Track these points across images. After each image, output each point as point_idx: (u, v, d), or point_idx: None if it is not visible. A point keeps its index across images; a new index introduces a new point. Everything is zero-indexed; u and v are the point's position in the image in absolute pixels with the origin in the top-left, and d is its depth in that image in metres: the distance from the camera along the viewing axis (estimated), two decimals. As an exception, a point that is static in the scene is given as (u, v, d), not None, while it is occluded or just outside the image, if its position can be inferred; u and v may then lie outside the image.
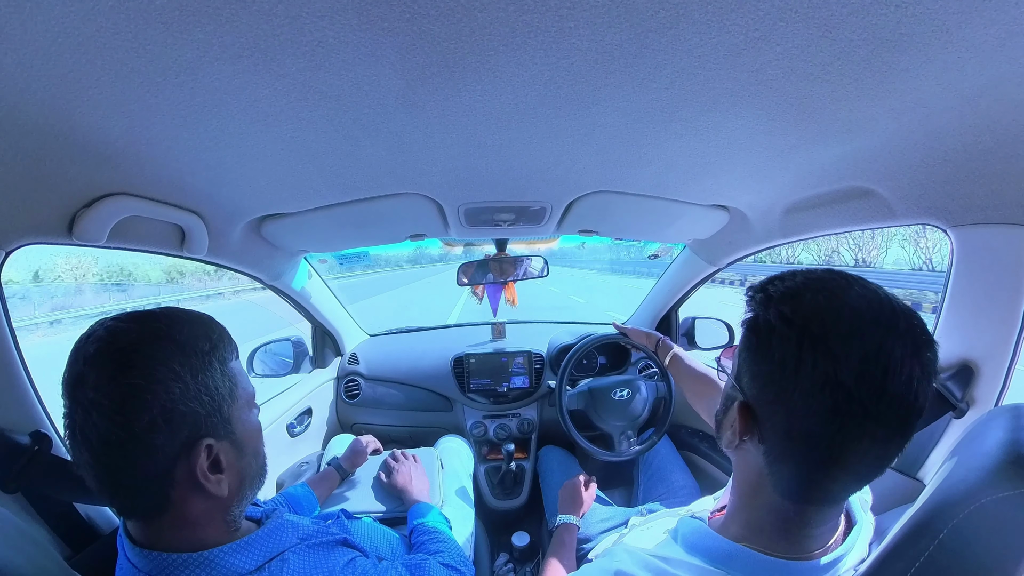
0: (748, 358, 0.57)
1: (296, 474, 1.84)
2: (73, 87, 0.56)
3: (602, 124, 0.77)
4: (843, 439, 0.50)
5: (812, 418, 0.51)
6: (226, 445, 0.64)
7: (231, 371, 0.67)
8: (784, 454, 0.55)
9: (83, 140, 0.68)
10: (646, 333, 1.55)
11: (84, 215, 0.82)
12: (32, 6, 0.44)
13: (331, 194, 1.11)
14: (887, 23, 0.50)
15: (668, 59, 0.58)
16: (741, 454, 0.62)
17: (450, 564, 0.98)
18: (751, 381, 0.57)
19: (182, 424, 0.59)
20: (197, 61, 0.54)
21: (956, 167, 0.79)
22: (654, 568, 0.65)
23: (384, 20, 0.49)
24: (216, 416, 0.63)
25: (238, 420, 0.67)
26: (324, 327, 2.15)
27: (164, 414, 0.57)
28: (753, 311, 0.57)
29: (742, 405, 0.58)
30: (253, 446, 0.70)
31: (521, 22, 0.50)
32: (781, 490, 0.57)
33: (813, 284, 0.55)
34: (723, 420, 0.65)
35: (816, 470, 0.54)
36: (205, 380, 0.62)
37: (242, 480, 0.68)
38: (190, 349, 0.61)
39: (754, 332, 0.56)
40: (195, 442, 0.60)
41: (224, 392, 0.64)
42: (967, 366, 0.91)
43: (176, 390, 0.58)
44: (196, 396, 0.60)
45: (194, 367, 0.61)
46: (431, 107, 0.69)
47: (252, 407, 0.72)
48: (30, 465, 0.79)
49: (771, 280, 0.59)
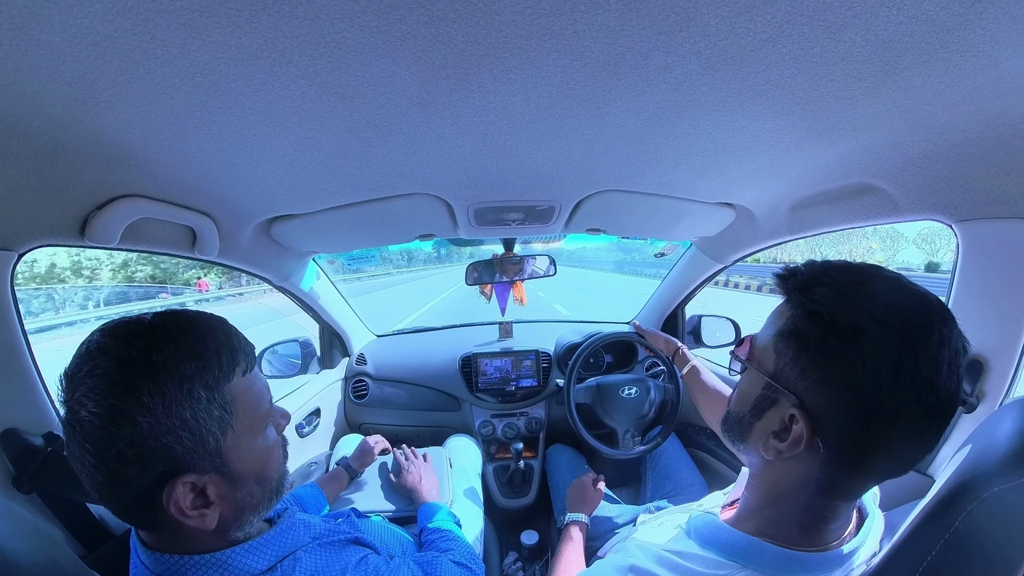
0: (815, 360, 0.52)
1: (305, 474, 1.85)
2: (89, 88, 0.56)
3: (611, 124, 0.78)
4: (922, 439, 0.50)
5: (899, 423, 0.49)
6: (216, 478, 0.58)
7: (226, 395, 0.59)
8: (851, 459, 0.52)
9: (97, 142, 0.69)
10: (665, 339, 1.54)
11: (97, 217, 0.82)
12: (51, 6, 0.44)
13: (342, 195, 1.11)
14: (888, 25, 0.51)
15: (677, 61, 0.58)
16: (783, 461, 0.57)
17: (461, 562, 0.98)
18: (815, 387, 0.52)
19: (153, 459, 0.53)
20: (214, 62, 0.54)
21: (960, 163, 0.80)
22: (668, 563, 0.65)
23: (403, 22, 0.49)
24: (198, 451, 0.56)
25: (233, 450, 0.60)
26: (332, 328, 2.16)
27: (132, 448, 0.52)
28: (817, 307, 0.52)
29: (805, 414, 0.53)
30: (257, 473, 0.64)
31: (537, 25, 0.51)
32: (828, 491, 0.56)
33: (867, 273, 0.53)
34: (755, 424, 0.61)
35: (880, 471, 0.53)
36: (181, 412, 0.54)
37: (240, 509, 0.62)
38: (166, 375, 0.54)
39: (833, 333, 0.50)
40: (171, 476, 0.55)
41: (210, 424, 0.57)
42: (976, 361, 0.91)
43: (144, 424, 0.52)
44: (169, 431, 0.53)
45: (167, 398, 0.53)
46: (444, 108, 0.70)
47: (262, 428, 0.65)
48: (44, 466, 0.80)
49: (819, 272, 0.55)
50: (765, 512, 0.63)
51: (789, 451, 0.55)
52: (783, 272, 0.58)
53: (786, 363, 0.55)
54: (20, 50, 0.48)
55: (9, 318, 0.81)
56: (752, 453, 0.63)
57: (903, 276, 0.53)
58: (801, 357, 0.54)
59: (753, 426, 0.61)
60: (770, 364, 0.58)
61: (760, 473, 0.64)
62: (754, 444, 0.61)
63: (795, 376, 0.54)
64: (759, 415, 0.60)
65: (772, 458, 0.58)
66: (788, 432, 0.55)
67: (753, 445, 0.62)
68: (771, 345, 0.58)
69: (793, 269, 0.58)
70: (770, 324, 0.60)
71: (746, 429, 0.63)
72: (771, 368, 0.58)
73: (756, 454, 0.62)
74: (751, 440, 0.62)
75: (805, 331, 0.54)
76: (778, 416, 0.57)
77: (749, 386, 0.63)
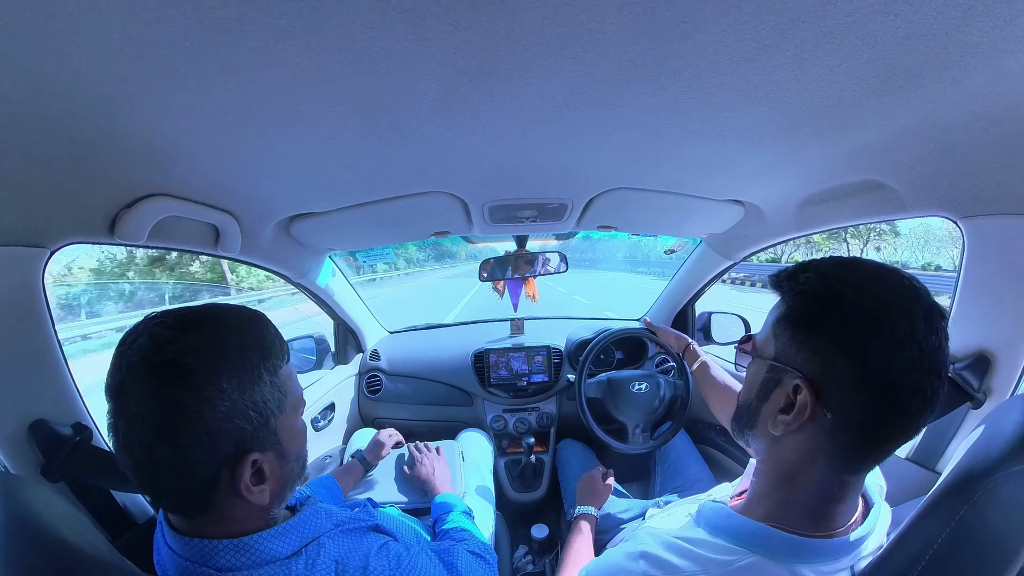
0: (808, 332, 0.58)
1: (320, 467, 1.89)
2: (125, 90, 0.58)
3: (623, 124, 0.79)
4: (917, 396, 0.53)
5: (891, 379, 0.52)
6: (271, 456, 0.63)
7: (281, 379, 0.65)
8: (857, 424, 0.55)
9: (129, 142, 0.70)
10: (676, 335, 1.56)
11: (126, 215, 0.84)
12: (98, 13, 0.45)
13: (361, 193, 1.13)
14: (887, 29, 0.53)
15: (687, 65, 0.60)
16: (791, 436, 0.60)
17: (476, 552, 1.00)
18: (812, 357, 0.57)
19: (227, 441, 0.58)
20: (248, 67, 0.55)
21: (965, 160, 0.80)
22: (678, 549, 0.66)
23: (431, 32, 0.51)
24: (263, 430, 0.61)
25: (284, 429, 0.65)
26: (346, 324, 2.19)
27: (208, 432, 0.55)
28: (803, 287, 0.58)
29: (808, 383, 0.56)
30: (297, 451, 0.70)
31: (555, 34, 0.53)
32: (836, 463, 0.58)
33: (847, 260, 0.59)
34: (762, 407, 0.64)
35: (886, 435, 0.55)
36: (253, 395, 0.59)
37: (284, 485, 0.68)
38: (239, 363, 0.59)
39: (816, 303, 0.57)
40: (241, 457, 0.59)
41: (272, 405, 0.62)
42: (983, 356, 0.92)
43: (222, 408, 0.56)
44: (243, 413, 0.58)
45: (243, 383, 0.58)
46: (464, 111, 0.72)
47: (299, 411, 0.71)
48: (72, 455, 0.82)
49: (805, 263, 0.61)
50: (774, 496, 0.64)
51: (796, 421, 0.58)
52: (775, 273, 0.64)
53: (784, 344, 0.60)
54: (64, 54, 0.49)
55: (41, 314, 0.83)
56: (761, 437, 0.65)
57: (880, 261, 0.59)
58: (796, 334, 0.59)
59: (761, 409, 0.64)
60: (771, 350, 0.63)
61: (768, 456, 0.65)
62: (762, 426, 0.64)
63: (793, 353, 0.59)
64: (765, 397, 0.63)
65: (780, 433, 0.60)
66: (794, 406, 0.58)
67: (762, 427, 0.64)
68: (770, 333, 0.63)
69: (782, 268, 0.63)
70: (768, 319, 0.65)
71: (754, 415, 0.66)
72: (772, 353, 0.62)
73: (764, 436, 0.64)
74: (759, 424, 0.65)
75: (794, 310, 0.60)
76: (783, 393, 0.60)
77: (754, 375, 0.67)
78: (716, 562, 0.61)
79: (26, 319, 0.81)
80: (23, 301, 0.80)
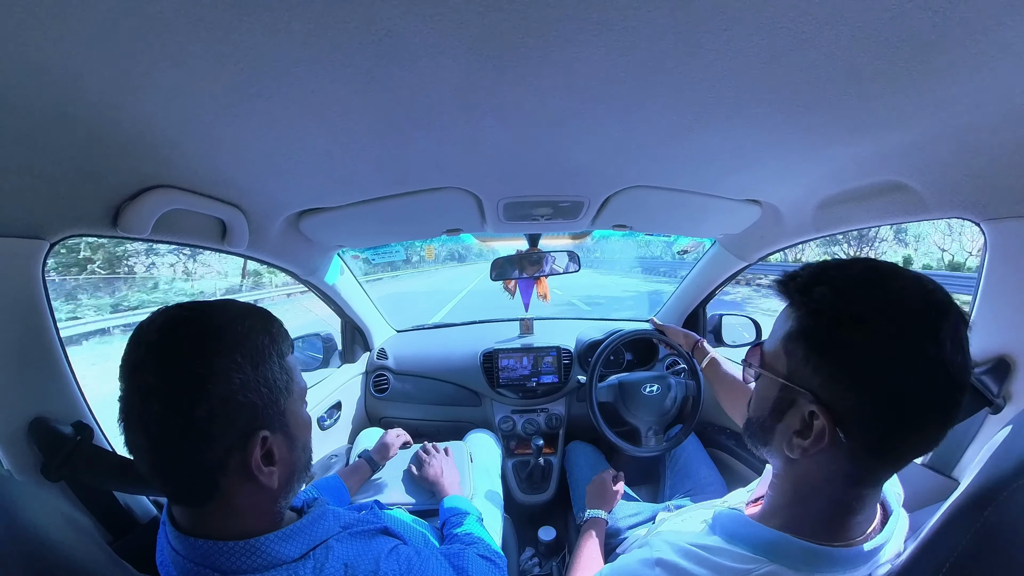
0: (825, 356, 0.54)
1: (326, 466, 1.87)
2: (127, 73, 0.55)
3: (647, 120, 0.77)
4: (941, 415, 0.51)
5: (915, 403, 0.50)
6: (280, 438, 0.65)
7: (288, 365, 0.68)
8: (876, 446, 0.53)
9: (132, 131, 0.68)
10: (684, 333, 1.55)
11: (129, 207, 0.82)
12: None
13: (373, 188, 1.11)
14: (924, 26, 0.51)
15: (717, 59, 0.58)
16: (809, 457, 0.58)
17: (486, 555, 0.99)
18: (829, 382, 0.54)
19: (240, 415, 0.59)
20: (260, 46, 0.52)
21: (989, 161, 0.79)
22: (695, 556, 0.65)
23: (458, 12, 0.49)
24: (273, 408, 0.63)
25: (292, 414, 0.67)
26: (354, 322, 2.18)
27: (223, 404, 0.57)
28: (818, 305, 0.55)
29: (824, 410, 0.54)
30: (303, 439, 0.71)
31: (590, 19, 0.51)
32: (855, 482, 0.57)
33: (865, 271, 0.55)
34: (776, 426, 0.62)
35: (906, 452, 0.54)
36: (264, 372, 0.62)
37: (292, 472, 0.68)
38: (250, 342, 0.62)
39: (835, 325, 0.53)
40: (251, 433, 0.61)
41: (281, 385, 0.65)
42: (1003, 360, 0.90)
43: (237, 380, 0.59)
44: (255, 388, 0.61)
45: (255, 359, 0.61)
46: (485, 101, 0.69)
47: (304, 401, 0.73)
48: (73, 454, 0.81)
49: (817, 272, 0.58)
50: (792, 509, 0.63)
51: (813, 447, 0.56)
52: (783, 278, 0.61)
53: (797, 363, 0.58)
54: (62, 29, 0.46)
55: (40, 308, 0.81)
56: (776, 454, 0.64)
57: (897, 265, 0.55)
58: (811, 355, 0.56)
59: (775, 428, 0.62)
60: (782, 367, 0.60)
61: (785, 473, 0.64)
62: (778, 445, 0.62)
63: (808, 374, 0.56)
64: (779, 417, 0.61)
65: (797, 456, 0.58)
66: (810, 429, 0.56)
67: (777, 446, 0.62)
68: (781, 348, 0.61)
69: (792, 274, 0.60)
70: (777, 329, 0.63)
71: (768, 432, 0.64)
72: (784, 370, 0.60)
73: (780, 455, 0.62)
74: (774, 442, 0.63)
75: (810, 330, 0.56)
76: (798, 415, 0.58)
77: (765, 391, 0.64)
78: (734, 570, 0.61)
79: (25, 313, 0.80)
80: (21, 294, 0.79)
